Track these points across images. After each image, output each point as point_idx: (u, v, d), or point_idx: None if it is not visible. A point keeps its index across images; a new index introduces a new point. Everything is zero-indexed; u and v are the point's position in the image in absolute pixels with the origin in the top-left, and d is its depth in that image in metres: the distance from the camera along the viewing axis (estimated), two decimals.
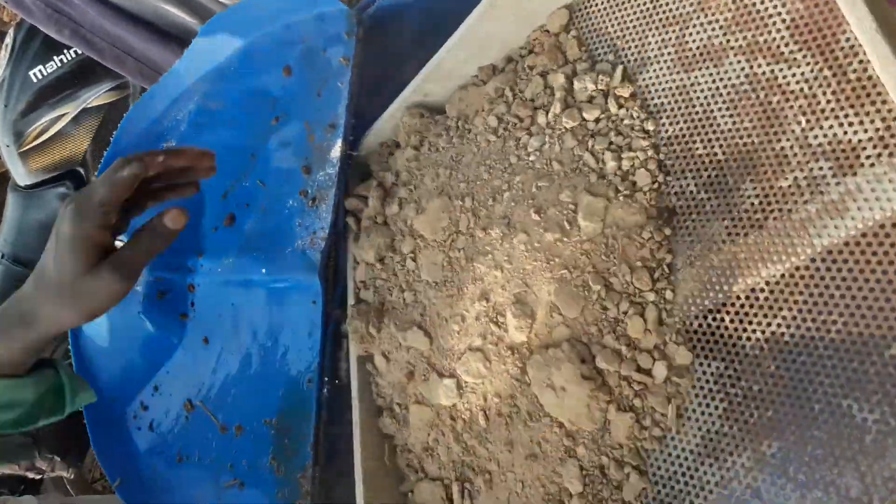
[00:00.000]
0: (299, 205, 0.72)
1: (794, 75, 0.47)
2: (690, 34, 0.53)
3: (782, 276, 0.45)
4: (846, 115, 0.44)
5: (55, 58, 1.37)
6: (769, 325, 0.46)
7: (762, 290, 0.46)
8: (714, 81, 0.51)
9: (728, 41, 0.51)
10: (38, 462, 1.49)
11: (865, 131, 0.43)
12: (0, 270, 1.49)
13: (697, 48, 0.52)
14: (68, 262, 0.54)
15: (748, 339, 0.46)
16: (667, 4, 0.54)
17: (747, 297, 0.47)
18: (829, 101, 0.45)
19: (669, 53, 0.54)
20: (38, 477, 1.54)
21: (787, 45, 0.48)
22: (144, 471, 0.80)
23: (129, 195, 0.55)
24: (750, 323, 0.47)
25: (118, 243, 0.59)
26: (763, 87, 0.49)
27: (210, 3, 1.11)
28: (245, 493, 0.71)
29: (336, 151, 0.71)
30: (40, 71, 1.37)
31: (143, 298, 0.80)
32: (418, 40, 0.71)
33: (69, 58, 1.37)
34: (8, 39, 1.39)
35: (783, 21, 0.48)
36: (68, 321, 0.56)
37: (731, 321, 0.47)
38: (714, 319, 0.48)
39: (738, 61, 0.50)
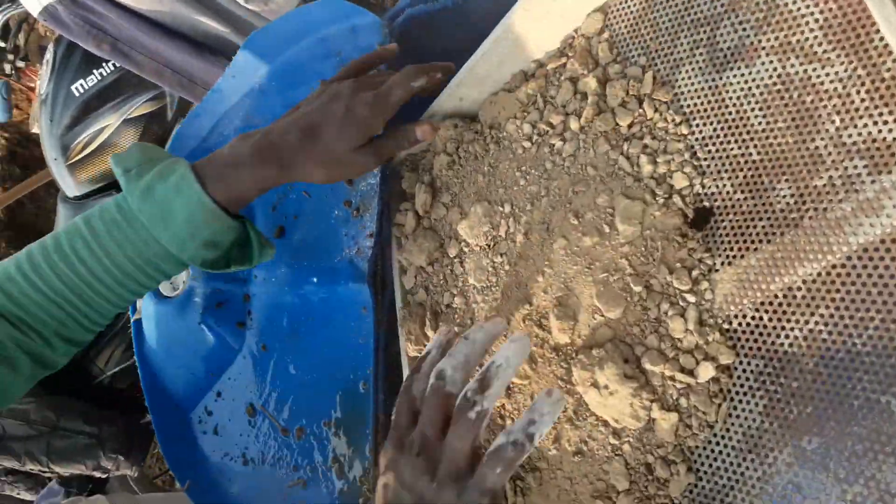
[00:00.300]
0: (344, 215, 0.74)
1: (827, 75, 0.48)
2: (721, 35, 0.54)
3: (819, 274, 0.47)
4: (880, 114, 0.45)
5: (95, 71, 1.41)
6: (807, 323, 0.47)
7: (799, 289, 0.47)
8: (747, 82, 0.52)
9: (759, 41, 0.51)
10: (104, 462, 1.56)
11: None
12: None
13: (729, 49, 0.53)
14: (349, 139, 0.63)
15: (787, 337, 0.48)
16: (698, 6, 0.55)
17: (785, 296, 0.48)
18: (863, 100, 0.46)
19: (701, 55, 0.55)
20: (105, 476, 1.61)
21: (819, 44, 0.48)
22: (212, 473, 0.84)
23: None
24: (788, 321, 0.48)
25: None
26: (796, 86, 0.49)
27: (243, 13, 1.13)
28: (308, 492, 0.75)
29: None
30: (81, 85, 1.42)
31: (203, 309, 0.84)
32: (450, 46, 0.72)
33: (108, 70, 1.41)
34: (48, 55, 1.44)
35: (815, 21, 0.48)
36: (318, 178, 0.65)
37: (770, 320, 0.49)
38: (753, 318, 0.50)
39: (771, 61, 0.51)
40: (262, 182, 0.65)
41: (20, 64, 1.60)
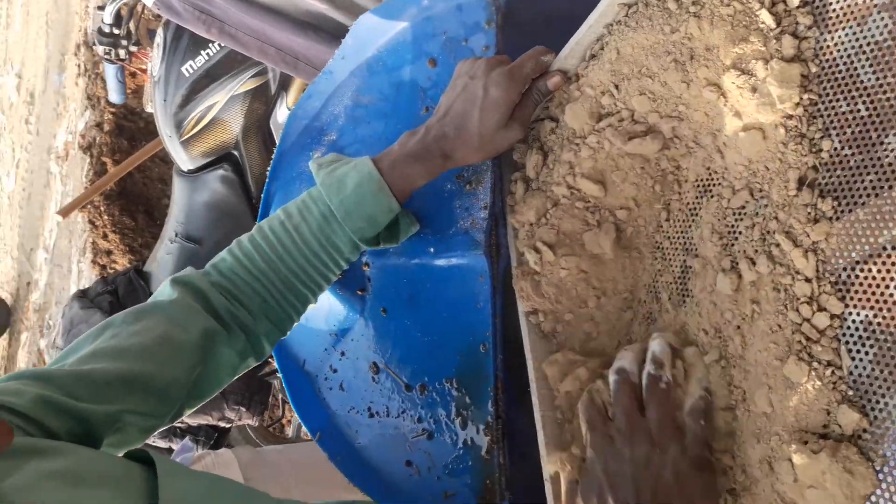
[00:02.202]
0: (456, 188, 0.79)
1: None
2: None
3: None
4: None
5: (202, 52, 1.50)
6: None
7: None
8: (858, 40, 0.53)
9: None
10: (227, 412, 1.69)
11: None
12: (176, 248, 1.68)
13: (841, 9, 0.54)
14: (493, 120, 0.71)
15: (895, 287, 0.49)
16: None
17: (893, 248, 0.49)
18: None
19: (813, 16, 0.55)
20: (228, 426, 1.76)
21: None
22: (339, 425, 0.92)
23: None
24: None
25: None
26: None
27: None
28: (433, 443, 0.82)
29: None
30: (191, 66, 1.51)
31: None
32: (554, 21, 0.74)
33: (214, 51, 1.50)
34: (159, 39, 1.53)
35: None
36: (475, 160, 0.75)
37: (879, 271, 0.50)
38: (861, 270, 0.51)
39: (882, 18, 0.51)
40: (429, 172, 0.74)
41: (132, 48, 1.71)
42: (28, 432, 0.58)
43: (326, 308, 0.93)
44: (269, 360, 1.04)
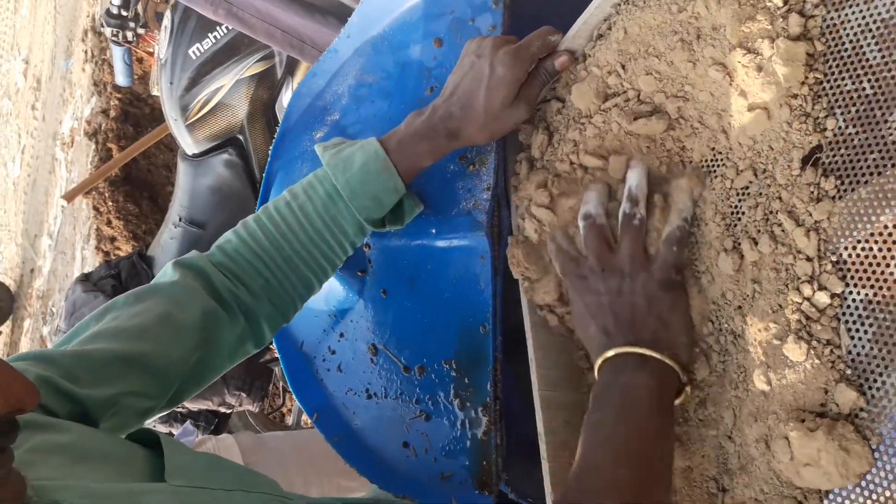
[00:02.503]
0: (459, 169, 0.79)
1: None
2: None
3: None
4: None
5: (209, 35, 1.50)
6: None
7: None
8: (864, 17, 0.52)
9: None
10: (228, 398, 1.69)
11: None
12: (179, 233, 1.68)
13: None
14: (500, 98, 0.71)
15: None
16: None
17: (895, 226, 0.49)
18: None
19: None
20: (229, 412, 1.76)
21: None
22: (337, 406, 0.92)
23: None
24: None
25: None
26: None
27: None
28: (430, 424, 0.82)
29: None
30: (198, 49, 1.51)
31: None
32: (564, 1, 0.74)
33: (221, 34, 1.50)
34: (166, 22, 1.53)
35: None
36: (482, 140, 0.74)
37: (880, 250, 0.50)
38: (863, 249, 0.51)
39: None
40: (435, 151, 0.74)
41: (140, 31, 1.71)
42: None
43: (326, 289, 0.93)
44: (270, 346, 1.04)
